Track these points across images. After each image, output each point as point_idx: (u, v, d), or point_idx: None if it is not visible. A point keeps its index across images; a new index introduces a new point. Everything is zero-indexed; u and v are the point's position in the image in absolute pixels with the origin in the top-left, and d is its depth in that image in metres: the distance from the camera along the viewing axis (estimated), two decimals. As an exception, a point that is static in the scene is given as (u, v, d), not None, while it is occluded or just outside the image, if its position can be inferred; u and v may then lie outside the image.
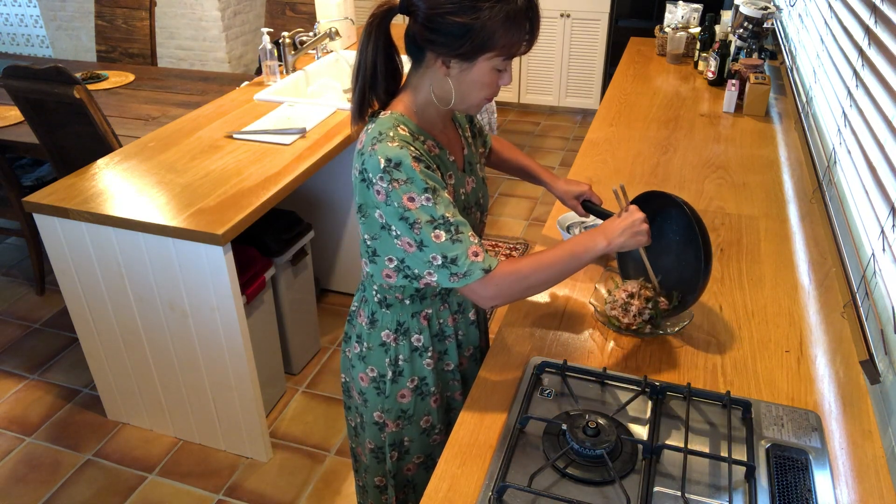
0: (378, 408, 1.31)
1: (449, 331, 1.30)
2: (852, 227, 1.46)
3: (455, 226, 1.07)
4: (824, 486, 0.99)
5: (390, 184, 1.05)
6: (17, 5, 5.15)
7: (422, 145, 1.11)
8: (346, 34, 3.30)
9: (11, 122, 2.78)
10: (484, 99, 1.12)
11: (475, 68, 1.07)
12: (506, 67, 1.09)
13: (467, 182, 1.25)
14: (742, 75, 2.44)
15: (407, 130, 1.10)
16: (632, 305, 1.30)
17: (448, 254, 1.06)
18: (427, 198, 1.06)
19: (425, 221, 1.06)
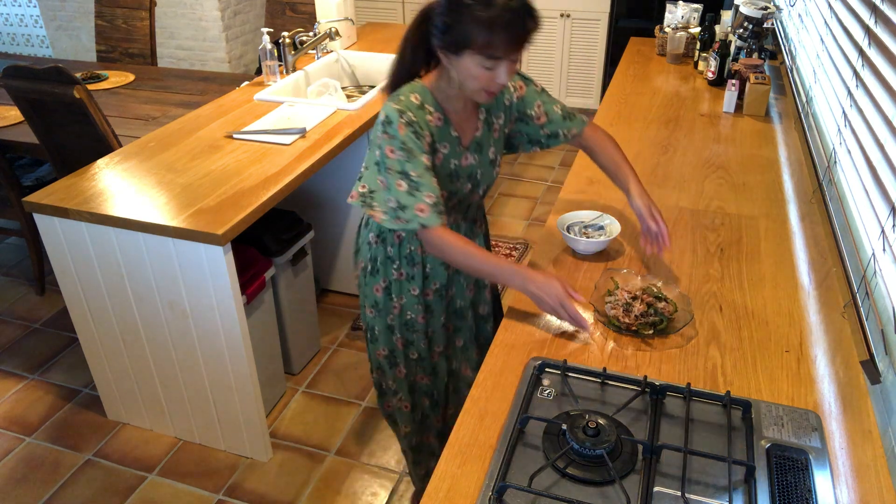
0: (363, 293, 1.62)
1: (417, 258, 1.54)
2: (852, 227, 1.46)
3: (417, 184, 1.31)
4: (824, 486, 0.99)
5: (382, 134, 1.33)
6: (17, 5, 5.15)
7: (423, 114, 1.34)
8: (346, 34, 3.30)
9: (11, 122, 2.78)
10: (481, 90, 1.31)
11: (461, 61, 1.26)
12: (495, 66, 1.26)
13: (466, 157, 1.46)
14: (742, 75, 2.44)
15: (419, 100, 1.35)
16: (633, 307, 1.32)
17: (401, 201, 1.32)
18: (402, 154, 1.31)
19: (396, 171, 1.32)
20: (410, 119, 1.32)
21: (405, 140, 1.31)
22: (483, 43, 1.22)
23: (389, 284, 1.57)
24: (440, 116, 1.39)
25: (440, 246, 1.35)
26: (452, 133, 1.42)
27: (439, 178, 1.39)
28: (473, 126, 1.47)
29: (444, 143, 1.41)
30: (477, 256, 1.34)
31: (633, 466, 1.01)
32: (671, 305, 1.34)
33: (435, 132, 1.38)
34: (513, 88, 1.53)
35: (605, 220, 1.64)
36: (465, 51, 1.24)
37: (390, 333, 1.63)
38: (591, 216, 1.66)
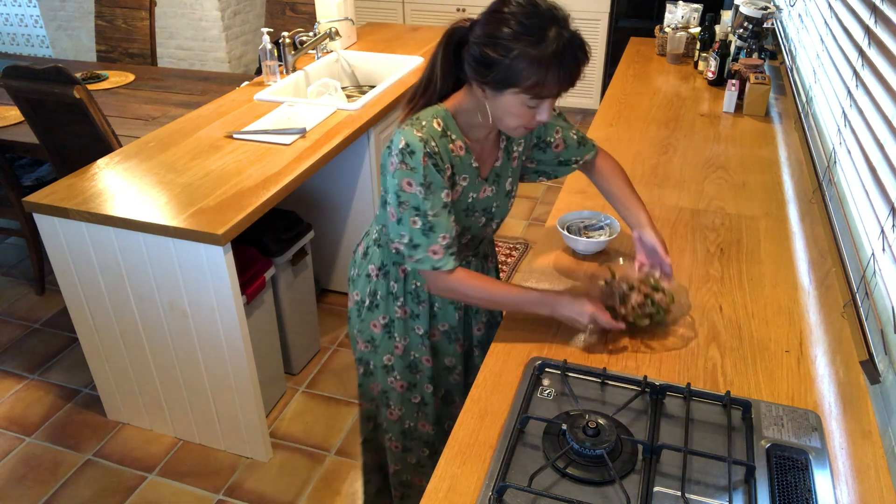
0: (356, 327, 1.51)
1: (423, 296, 1.43)
2: (852, 227, 1.46)
3: (432, 224, 1.22)
4: (824, 486, 0.99)
5: (400, 164, 1.20)
6: (17, 5, 5.15)
7: (446, 143, 1.23)
8: (346, 34, 3.30)
9: (11, 122, 2.78)
10: (520, 127, 1.20)
11: (503, 99, 1.15)
12: (539, 104, 1.15)
13: (483, 189, 1.35)
14: (742, 75, 2.44)
15: (441, 126, 1.23)
16: (630, 297, 1.29)
17: (414, 239, 1.23)
18: (421, 190, 1.20)
19: (411, 206, 1.21)
20: (433, 150, 1.20)
21: (427, 174, 1.19)
22: (533, 84, 1.10)
23: (391, 322, 1.46)
24: (462, 145, 1.27)
25: (454, 290, 1.27)
26: (472, 164, 1.30)
27: (455, 212, 1.29)
28: (493, 156, 1.35)
29: (464, 175, 1.29)
30: (498, 293, 1.28)
31: (633, 466, 1.01)
32: (668, 297, 1.31)
33: (456, 163, 1.26)
34: None
35: (605, 220, 1.64)
36: (509, 89, 1.12)
37: (386, 373, 1.52)
38: (591, 216, 1.66)
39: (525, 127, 1.20)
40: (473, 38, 1.15)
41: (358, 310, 1.49)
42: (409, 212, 1.21)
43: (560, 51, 1.09)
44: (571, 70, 1.11)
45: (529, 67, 1.08)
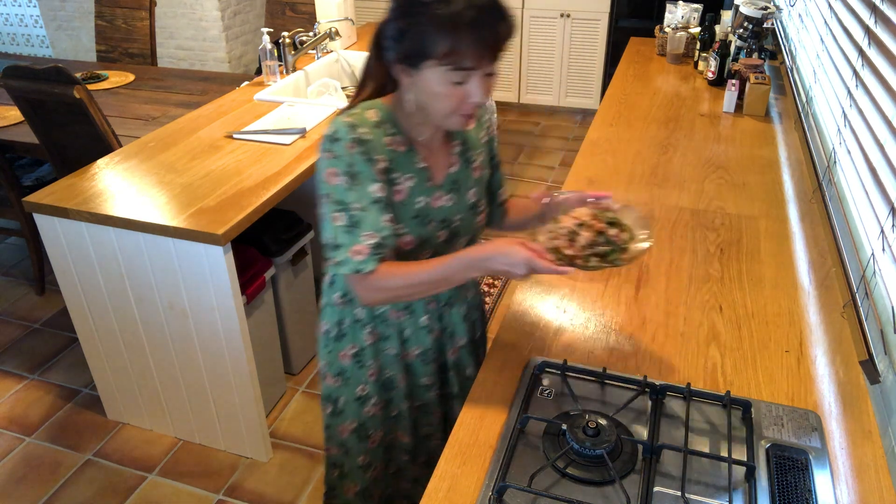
0: (324, 359, 1.37)
1: (392, 321, 1.31)
2: (852, 227, 1.46)
3: (357, 219, 1.10)
4: (824, 486, 0.99)
5: (325, 152, 1.10)
6: (17, 5, 5.15)
7: (381, 134, 1.13)
8: (346, 34, 3.30)
9: (11, 122, 2.78)
10: (455, 115, 1.09)
11: (424, 77, 1.05)
12: (465, 80, 1.04)
13: (438, 196, 1.21)
14: (742, 75, 2.44)
15: (377, 116, 1.14)
16: (580, 236, 1.11)
17: (338, 238, 1.11)
18: (346, 180, 1.09)
19: (334, 199, 1.10)
20: (362, 136, 1.10)
21: (352, 162, 1.08)
22: (446, 49, 1.00)
23: (360, 350, 1.33)
24: (403, 141, 1.16)
25: (379, 289, 1.12)
26: (419, 164, 1.18)
27: (403, 218, 1.17)
28: (447, 160, 1.23)
29: (407, 174, 1.17)
30: (421, 274, 1.11)
31: (633, 466, 1.01)
32: (626, 232, 1.13)
33: (395, 158, 1.15)
34: (486, 121, 1.33)
35: (605, 220, 1.64)
36: (426, 62, 1.03)
37: (361, 405, 1.37)
38: (591, 216, 1.65)
39: (460, 114, 1.09)
40: (388, 17, 1.08)
41: (325, 341, 1.36)
42: (331, 206, 1.10)
43: (471, 12, 0.99)
44: (486, 34, 1.00)
45: (440, 32, 0.99)
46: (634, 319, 1.37)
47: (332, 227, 1.11)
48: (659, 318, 1.37)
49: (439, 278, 1.11)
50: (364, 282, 1.12)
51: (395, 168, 1.15)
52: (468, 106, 1.08)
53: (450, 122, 1.12)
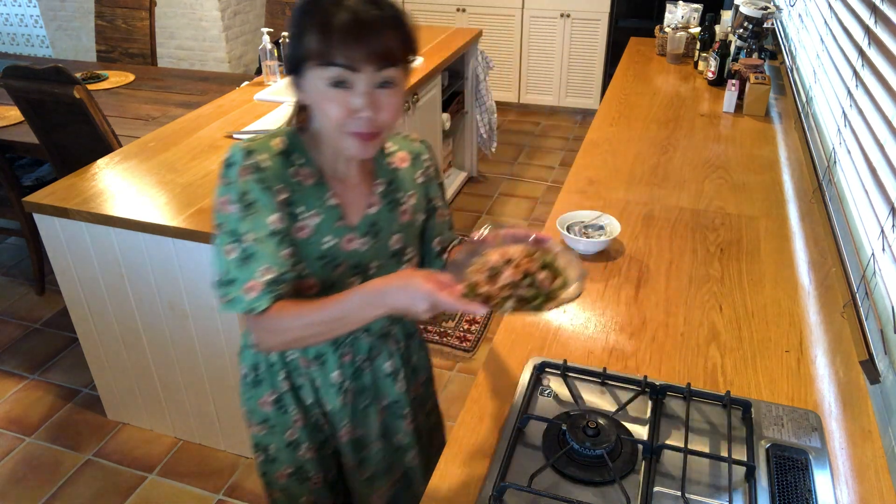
0: (245, 406, 1.25)
1: (302, 369, 1.18)
2: (852, 227, 1.46)
3: (251, 252, 0.98)
4: (824, 486, 0.99)
5: (219, 179, 1.01)
6: (17, 5, 5.15)
7: (284, 164, 1.03)
8: (346, 34, 3.29)
9: (11, 122, 2.78)
10: (340, 129, 0.97)
11: (308, 85, 0.97)
12: (345, 82, 0.94)
13: (350, 239, 1.09)
14: (742, 75, 2.44)
15: (283, 145, 1.05)
16: (503, 274, 0.98)
17: (229, 273, 0.99)
18: (239, 208, 0.99)
19: (227, 230, 0.99)
20: (259, 163, 1.00)
21: (246, 189, 0.99)
22: (317, 48, 0.92)
23: (280, 397, 1.20)
24: (312, 173, 1.06)
25: (273, 330, 1.01)
26: (329, 200, 1.07)
27: (306, 257, 1.05)
28: (365, 199, 1.11)
29: (312, 210, 1.05)
30: (316, 315, 0.99)
31: (633, 466, 1.01)
32: (560, 278, 1.00)
33: (299, 191, 1.04)
34: (426, 160, 1.20)
35: (605, 220, 1.64)
36: (305, 64, 0.95)
37: (294, 450, 1.25)
38: (591, 216, 1.66)
39: (352, 132, 0.97)
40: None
41: (244, 387, 1.24)
42: (224, 237, 0.99)
43: (341, 6, 0.92)
44: (349, 23, 0.91)
45: (310, 29, 0.93)
46: (634, 319, 1.37)
47: (224, 261, 0.99)
48: (659, 318, 1.37)
49: (336, 317, 0.98)
50: (258, 322, 1.00)
51: (298, 202, 1.04)
52: (359, 121, 0.96)
53: (344, 143, 0.99)
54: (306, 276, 1.07)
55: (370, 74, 0.94)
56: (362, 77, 0.94)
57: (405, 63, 0.99)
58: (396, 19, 0.96)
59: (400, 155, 1.17)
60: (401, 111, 1.03)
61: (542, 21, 4.63)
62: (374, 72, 0.94)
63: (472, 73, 3.66)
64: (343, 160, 1.07)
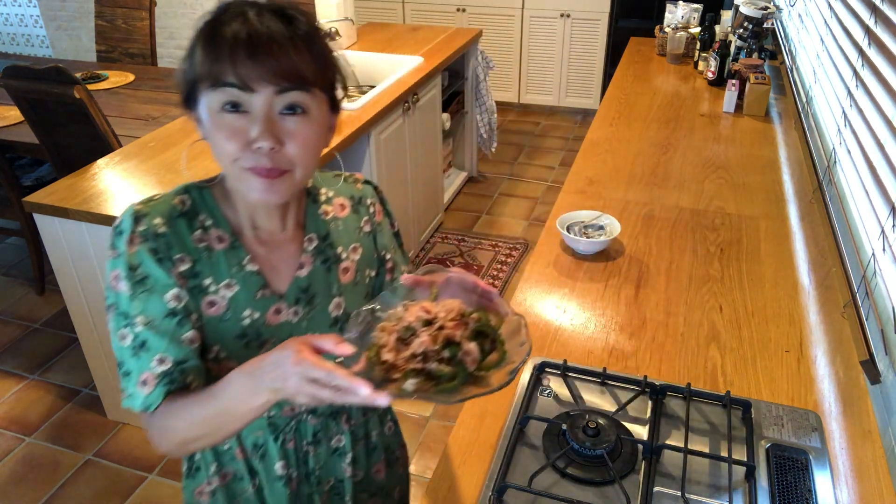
0: (184, 499, 1.08)
1: (238, 460, 1.00)
2: (852, 227, 1.46)
3: (144, 339, 0.83)
4: (824, 486, 0.99)
5: (110, 249, 0.87)
6: (17, 5, 5.15)
7: (185, 227, 0.87)
8: (346, 34, 3.29)
9: (11, 122, 2.78)
10: (233, 162, 0.80)
11: (203, 113, 0.82)
12: (234, 101, 0.78)
13: (277, 310, 0.91)
14: (742, 75, 2.44)
15: (187, 205, 0.88)
16: (417, 338, 0.77)
17: (124, 363, 0.85)
18: (130, 286, 0.84)
19: (119, 311, 0.85)
20: (153, 230, 0.84)
21: (136, 262, 0.84)
22: (209, 63, 0.78)
23: (216, 491, 1.03)
24: (223, 234, 0.89)
25: (163, 432, 0.87)
26: (247, 266, 0.89)
27: (221, 337, 0.89)
28: (293, 260, 0.94)
29: (224, 280, 0.88)
30: (196, 407, 0.82)
31: (633, 466, 1.01)
32: (496, 353, 0.80)
33: (205, 258, 0.87)
34: (371, 205, 1.03)
35: (605, 220, 1.64)
36: (196, 88, 0.81)
37: None
38: (591, 216, 1.66)
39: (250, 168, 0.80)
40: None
41: (184, 477, 1.07)
42: (117, 320, 0.85)
43: (220, 15, 0.79)
44: (243, 35, 0.77)
45: (200, 46, 0.79)
46: (634, 319, 1.37)
47: (120, 348, 0.85)
48: (659, 318, 1.37)
49: (218, 411, 0.80)
50: (150, 422, 0.87)
51: (205, 272, 0.87)
52: (258, 154, 0.79)
53: (244, 184, 0.82)
54: (224, 359, 0.89)
55: (269, 96, 0.78)
56: (259, 99, 0.78)
57: (321, 89, 0.83)
58: (308, 37, 0.81)
59: (338, 202, 1.00)
60: (319, 146, 0.85)
61: (542, 21, 4.63)
62: (274, 93, 0.78)
63: (472, 73, 3.66)
64: (263, 213, 0.90)
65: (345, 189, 1.02)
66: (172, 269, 0.85)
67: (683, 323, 1.35)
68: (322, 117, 0.84)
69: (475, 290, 0.87)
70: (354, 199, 1.02)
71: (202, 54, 0.79)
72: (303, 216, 0.96)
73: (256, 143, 0.78)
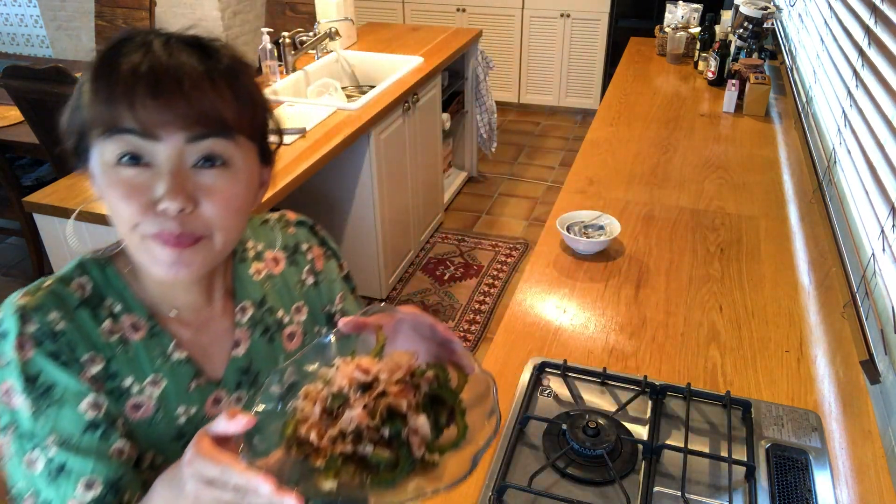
0: None
1: None
2: (852, 227, 1.46)
3: (63, 461, 0.66)
4: (824, 486, 0.99)
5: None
6: (17, 5, 5.15)
7: (92, 319, 0.70)
8: (346, 34, 3.30)
9: (11, 122, 2.78)
10: (131, 228, 0.66)
11: (95, 167, 0.67)
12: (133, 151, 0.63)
13: (216, 400, 0.77)
14: (742, 75, 2.44)
15: (86, 288, 0.72)
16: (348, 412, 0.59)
17: (39, 494, 0.66)
18: (29, 402, 0.66)
19: (21, 432, 0.66)
20: (48, 328, 0.68)
21: (34, 370, 0.66)
22: (103, 105, 0.63)
23: None
24: (138, 322, 0.73)
25: None
26: (174, 354, 0.74)
27: (156, 442, 0.73)
28: (227, 338, 0.79)
29: (149, 377, 0.72)
30: None
31: (633, 466, 1.01)
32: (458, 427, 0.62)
33: (121, 353, 0.71)
34: (309, 251, 0.88)
35: (605, 220, 1.64)
36: (87, 138, 0.67)
37: None
38: (591, 216, 1.66)
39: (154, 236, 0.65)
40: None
41: None
42: (18, 442, 0.66)
43: (118, 45, 0.65)
44: (144, 70, 0.62)
45: (94, 86, 0.65)
46: (634, 319, 1.37)
47: (27, 476, 0.66)
48: (659, 318, 1.37)
49: None
50: None
51: (123, 370, 0.71)
52: (163, 217, 0.63)
53: (146, 256, 0.67)
54: (162, 465, 0.72)
55: (178, 145, 0.63)
56: (165, 148, 0.63)
57: (248, 136, 0.68)
58: (230, 71, 0.66)
59: (270, 256, 0.84)
60: (246, 206, 0.70)
61: (542, 21, 4.63)
62: (185, 141, 0.63)
63: (472, 73, 3.66)
64: (181, 288, 0.74)
65: (271, 238, 0.85)
66: (82, 372, 0.68)
67: (683, 323, 1.35)
68: (249, 170, 0.69)
69: (433, 337, 0.68)
70: (289, 248, 0.86)
71: (92, 93, 0.65)
72: (231, 281, 0.80)
73: (161, 203, 0.62)
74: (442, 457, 0.60)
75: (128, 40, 0.64)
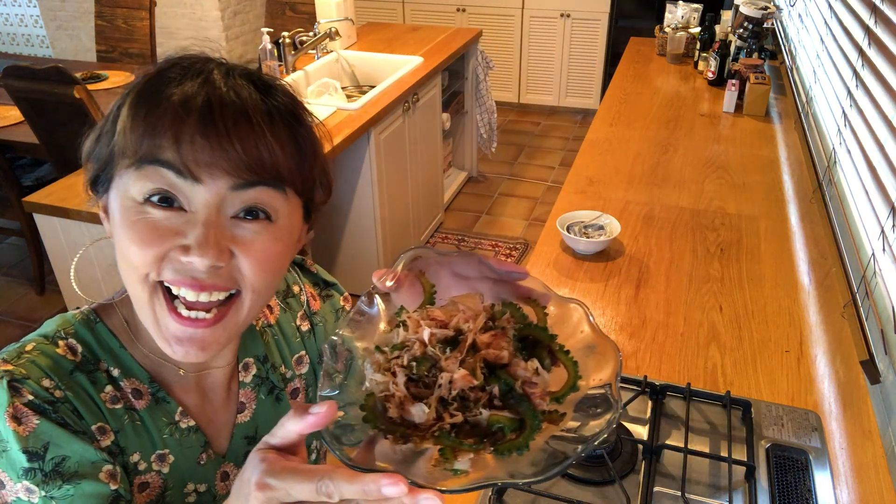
0: None
1: None
2: (852, 227, 1.46)
3: None
4: (824, 486, 0.99)
5: None
6: (17, 5, 5.15)
7: (91, 384, 0.61)
8: (346, 34, 3.30)
9: (11, 122, 2.78)
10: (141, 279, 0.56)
11: (111, 196, 0.58)
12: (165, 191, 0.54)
13: (224, 475, 0.69)
14: (742, 75, 2.44)
15: (80, 352, 0.61)
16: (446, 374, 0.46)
17: None
18: (38, 480, 0.54)
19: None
20: (46, 396, 0.57)
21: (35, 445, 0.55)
22: (136, 132, 0.54)
23: None
24: (140, 387, 0.64)
25: None
26: (182, 422, 0.66)
27: None
28: (230, 402, 0.70)
29: (157, 451, 0.64)
30: None
31: (633, 466, 1.01)
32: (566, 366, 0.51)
33: (128, 426, 0.62)
34: (301, 290, 0.80)
35: (605, 220, 1.64)
36: (112, 164, 0.57)
37: None
38: (591, 216, 1.66)
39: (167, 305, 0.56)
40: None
41: None
42: None
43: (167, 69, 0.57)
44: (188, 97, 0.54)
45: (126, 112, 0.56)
46: (634, 319, 1.37)
47: None
48: (659, 318, 1.37)
49: None
50: None
51: (131, 445, 0.62)
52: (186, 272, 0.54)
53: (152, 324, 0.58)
54: None
55: (221, 191, 0.54)
56: (205, 193, 0.54)
57: (297, 191, 0.59)
58: (292, 116, 0.58)
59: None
60: (282, 267, 0.61)
61: (542, 21, 4.63)
62: (229, 188, 0.54)
63: (472, 73, 3.66)
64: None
65: None
66: (95, 441, 0.58)
67: (683, 323, 1.35)
68: (292, 227, 0.60)
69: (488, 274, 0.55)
70: (280, 292, 0.77)
71: (130, 119, 0.54)
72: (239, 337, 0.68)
73: (189, 255, 0.53)
74: (560, 404, 0.49)
75: (180, 66, 0.57)
